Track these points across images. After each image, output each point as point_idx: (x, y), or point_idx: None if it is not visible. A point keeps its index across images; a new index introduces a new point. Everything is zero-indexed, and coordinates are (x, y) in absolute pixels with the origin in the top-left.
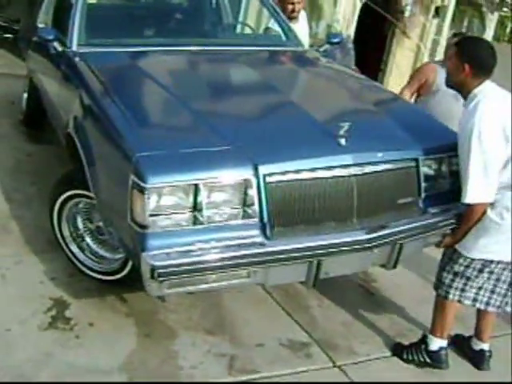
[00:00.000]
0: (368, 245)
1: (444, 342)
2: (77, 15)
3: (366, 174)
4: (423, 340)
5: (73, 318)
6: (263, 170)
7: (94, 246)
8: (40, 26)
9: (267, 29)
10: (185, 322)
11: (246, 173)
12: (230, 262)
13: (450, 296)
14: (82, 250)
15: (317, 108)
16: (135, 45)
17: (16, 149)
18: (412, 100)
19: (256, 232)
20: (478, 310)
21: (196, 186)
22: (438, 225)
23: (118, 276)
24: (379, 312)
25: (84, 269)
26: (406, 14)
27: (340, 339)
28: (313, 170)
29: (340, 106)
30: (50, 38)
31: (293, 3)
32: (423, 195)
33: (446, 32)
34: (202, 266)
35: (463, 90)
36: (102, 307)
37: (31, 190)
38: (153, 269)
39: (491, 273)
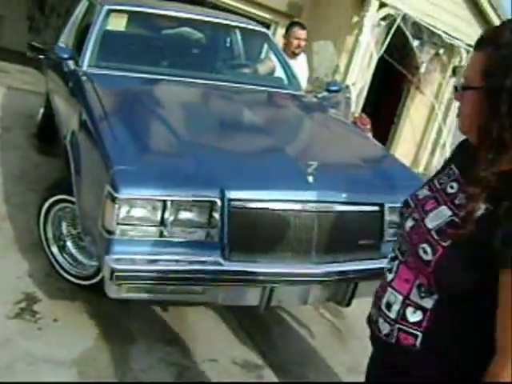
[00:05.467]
0: (321, 279)
1: None
2: (92, 38)
3: (329, 211)
4: None
5: (39, 313)
6: (229, 194)
7: (73, 251)
8: (60, 45)
9: (265, 58)
10: (146, 331)
11: (212, 195)
12: (185, 276)
13: None
14: (61, 252)
15: (295, 148)
16: (140, 71)
17: (25, 159)
18: None
19: (215, 252)
20: None
21: (164, 202)
22: None
23: (89, 282)
24: (341, 348)
25: (60, 270)
26: (422, 70)
27: (295, 366)
28: (277, 201)
29: (318, 148)
30: (65, 56)
31: (299, 39)
32: (385, 240)
33: None
34: (158, 275)
35: None
36: (71, 307)
37: (30, 196)
38: (112, 271)
39: None
